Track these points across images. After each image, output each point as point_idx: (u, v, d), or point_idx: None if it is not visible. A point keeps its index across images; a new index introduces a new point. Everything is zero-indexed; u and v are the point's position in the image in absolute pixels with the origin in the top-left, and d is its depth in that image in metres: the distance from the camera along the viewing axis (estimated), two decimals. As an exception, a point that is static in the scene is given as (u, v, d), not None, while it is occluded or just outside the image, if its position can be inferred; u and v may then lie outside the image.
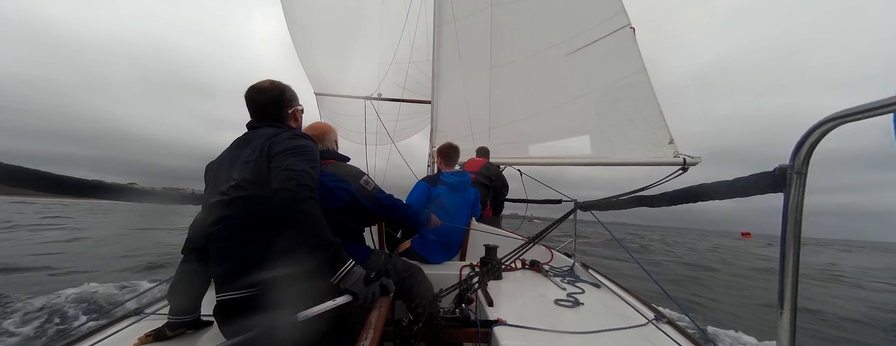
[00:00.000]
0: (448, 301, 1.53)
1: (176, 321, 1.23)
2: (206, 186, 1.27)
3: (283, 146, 1.14)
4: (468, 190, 2.61)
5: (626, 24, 3.68)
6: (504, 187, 4.68)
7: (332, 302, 1.06)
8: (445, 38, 4.93)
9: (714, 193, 1.01)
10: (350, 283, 1.09)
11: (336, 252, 1.09)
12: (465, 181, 2.56)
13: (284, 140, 1.17)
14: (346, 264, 1.10)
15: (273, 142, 1.17)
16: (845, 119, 0.64)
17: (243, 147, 1.22)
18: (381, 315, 1.06)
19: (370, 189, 1.61)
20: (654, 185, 2.81)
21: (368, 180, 1.64)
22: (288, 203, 1.02)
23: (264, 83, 1.33)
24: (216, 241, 1.12)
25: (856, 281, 10.08)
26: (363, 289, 1.11)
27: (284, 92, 1.35)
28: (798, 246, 0.72)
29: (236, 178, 1.13)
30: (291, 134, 1.22)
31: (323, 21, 6.32)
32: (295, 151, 1.14)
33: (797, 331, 0.72)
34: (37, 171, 1.00)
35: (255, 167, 1.13)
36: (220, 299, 1.10)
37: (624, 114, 3.67)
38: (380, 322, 1.01)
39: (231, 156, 1.23)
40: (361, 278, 1.12)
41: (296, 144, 1.16)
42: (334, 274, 1.08)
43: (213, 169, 1.26)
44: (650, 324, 1.48)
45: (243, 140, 1.27)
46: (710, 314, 5.31)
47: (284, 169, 1.07)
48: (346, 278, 1.09)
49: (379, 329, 0.97)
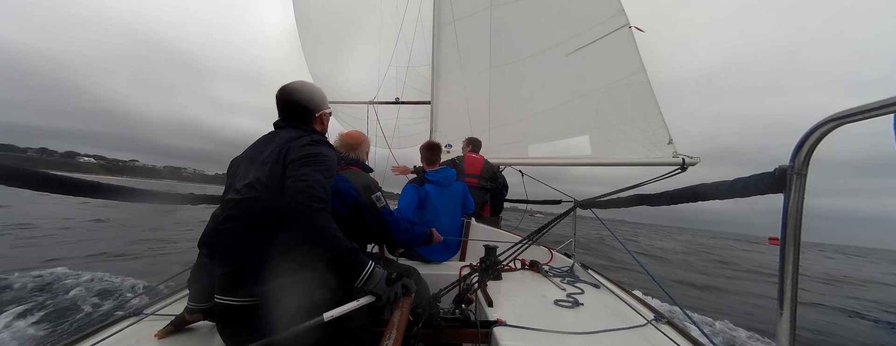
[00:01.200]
0: (448, 302, 1.53)
1: (194, 308, 1.28)
2: (227, 179, 1.27)
3: (298, 153, 1.14)
4: (454, 185, 2.66)
5: (625, 24, 3.68)
6: (504, 188, 4.68)
7: (356, 302, 1.07)
8: (445, 39, 4.94)
9: (714, 193, 1.01)
10: (373, 284, 1.10)
11: (356, 257, 1.09)
12: (450, 176, 2.61)
13: (301, 147, 1.16)
14: (368, 267, 1.10)
15: (290, 146, 1.16)
16: (845, 119, 0.64)
17: (265, 146, 1.22)
18: (403, 315, 1.06)
19: (379, 207, 1.61)
20: (650, 181, 2.84)
21: (380, 197, 1.63)
22: (300, 216, 1.02)
23: (295, 84, 1.32)
24: (222, 240, 1.12)
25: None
26: (386, 289, 1.12)
27: (314, 95, 1.34)
28: (798, 247, 0.72)
29: (251, 178, 1.13)
30: (310, 140, 1.21)
31: (327, 27, 6.34)
32: (310, 159, 1.13)
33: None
34: (36, 170, 1.00)
35: (271, 170, 1.13)
36: (219, 301, 1.09)
37: (623, 114, 3.68)
38: (402, 322, 1.02)
39: (252, 154, 1.23)
40: (383, 278, 1.13)
41: (311, 152, 1.15)
42: (354, 279, 1.08)
43: (236, 165, 1.27)
44: (650, 324, 1.48)
45: (266, 139, 1.28)
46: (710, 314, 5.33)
47: (297, 179, 1.06)
48: (369, 279, 1.09)
49: (401, 329, 0.97)
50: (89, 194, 1.17)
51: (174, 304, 1.58)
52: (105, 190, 1.25)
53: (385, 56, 6.31)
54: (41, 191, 1.01)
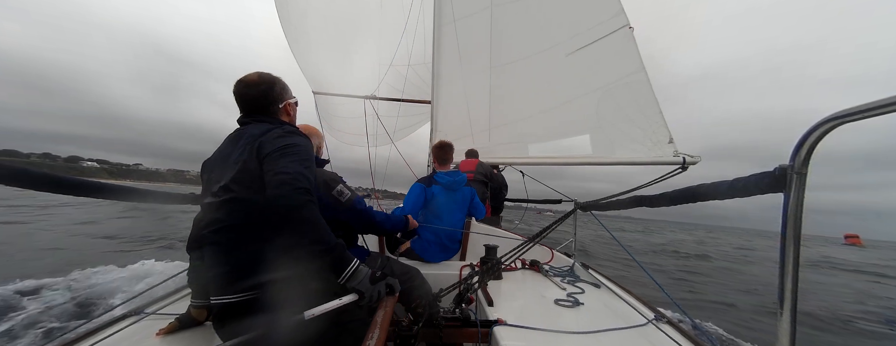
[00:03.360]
0: (448, 301, 1.53)
1: (198, 304, 1.29)
2: (202, 184, 1.25)
3: (272, 146, 1.09)
4: (463, 190, 2.63)
5: (625, 25, 3.68)
6: (503, 187, 4.69)
7: (339, 301, 1.05)
8: (445, 38, 4.93)
9: (714, 193, 1.01)
10: (356, 282, 1.08)
11: (341, 252, 1.08)
12: (460, 181, 2.58)
13: (274, 139, 1.12)
14: (352, 263, 1.09)
15: (262, 141, 1.11)
16: (845, 119, 0.64)
17: (234, 145, 1.18)
18: (386, 315, 1.06)
19: (344, 200, 1.55)
20: (651, 183, 2.83)
21: (343, 190, 1.57)
22: (286, 210, 0.99)
23: (252, 76, 1.26)
24: (208, 244, 1.11)
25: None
26: (369, 287, 1.10)
27: (274, 85, 1.27)
28: (798, 246, 0.72)
29: (226, 179, 1.10)
30: (282, 131, 1.16)
31: (318, 19, 6.23)
32: (286, 151, 1.09)
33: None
34: (38, 170, 1.00)
35: (244, 168, 1.09)
36: (214, 302, 1.09)
37: (624, 113, 3.68)
38: (386, 322, 1.01)
39: (222, 154, 1.19)
40: (367, 276, 1.11)
41: (286, 143, 1.11)
42: (337, 275, 1.07)
43: (208, 168, 1.23)
44: (650, 324, 1.48)
45: (234, 137, 1.22)
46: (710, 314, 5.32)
47: (277, 172, 1.03)
48: (352, 277, 1.08)
49: (385, 329, 0.97)
50: (91, 194, 1.17)
51: (174, 304, 1.59)
52: (107, 190, 1.25)
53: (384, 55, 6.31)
54: (42, 190, 1.02)
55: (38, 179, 0.99)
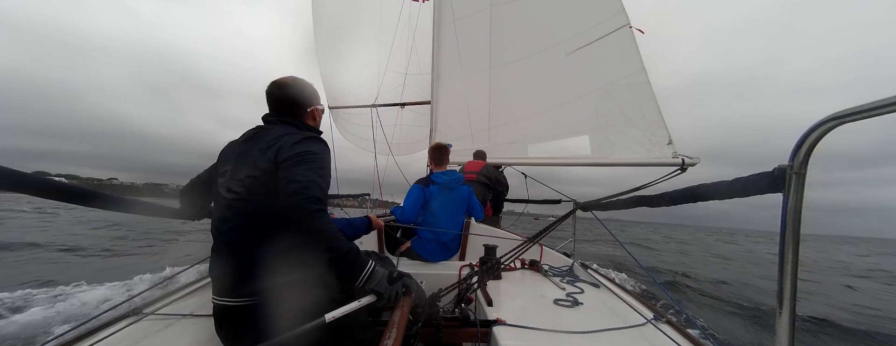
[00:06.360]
0: (447, 301, 1.53)
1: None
2: (218, 167, 1.25)
3: (289, 153, 1.10)
4: (459, 189, 2.69)
5: (626, 24, 3.68)
6: (504, 189, 4.70)
7: (358, 302, 1.06)
8: (445, 38, 4.94)
9: (713, 193, 1.01)
10: (374, 283, 1.09)
11: (355, 257, 1.08)
12: (456, 180, 2.64)
13: (292, 145, 1.13)
14: (368, 266, 1.09)
15: (281, 145, 1.13)
16: (845, 119, 0.64)
17: (255, 142, 1.19)
18: (403, 315, 1.05)
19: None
20: (651, 183, 2.84)
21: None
22: (297, 219, 1.00)
23: (286, 79, 1.30)
24: (217, 242, 1.12)
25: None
26: (387, 288, 1.11)
27: (304, 89, 1.31)
28: (797, 246, 0.72)
29: (242, 176, 1.11)
30: (301, 137, 1.17)
31: (332, 30, 6.38)
32: (301, 158, 1.10)
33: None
34: (36, 177, 0.99)
35: (261, 170, 1.10)
36: (215, 302, 1.09)
37: (623, 114, 3.68)
38: (402, 322, 1.01)
39: (241, 149, 1.20)
40: (385, 277, 1.12)
41: (303, 150, 1.12)
42: (354, 278, 1.07)
43: (225, 157, 1.24)
44: (649, 324, 1.48)
45: (255, 134, 1.24)
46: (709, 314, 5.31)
47: (291, 180, 1.03)
48: (370, 278, 1.08)
49: (401, 329, 0.97)
50: (89, 203, 1.16)
51: (174, 304, 1.58)
52: (105, 200, 1.24)
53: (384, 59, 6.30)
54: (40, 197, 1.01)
55: (37, 185, 0.98)
